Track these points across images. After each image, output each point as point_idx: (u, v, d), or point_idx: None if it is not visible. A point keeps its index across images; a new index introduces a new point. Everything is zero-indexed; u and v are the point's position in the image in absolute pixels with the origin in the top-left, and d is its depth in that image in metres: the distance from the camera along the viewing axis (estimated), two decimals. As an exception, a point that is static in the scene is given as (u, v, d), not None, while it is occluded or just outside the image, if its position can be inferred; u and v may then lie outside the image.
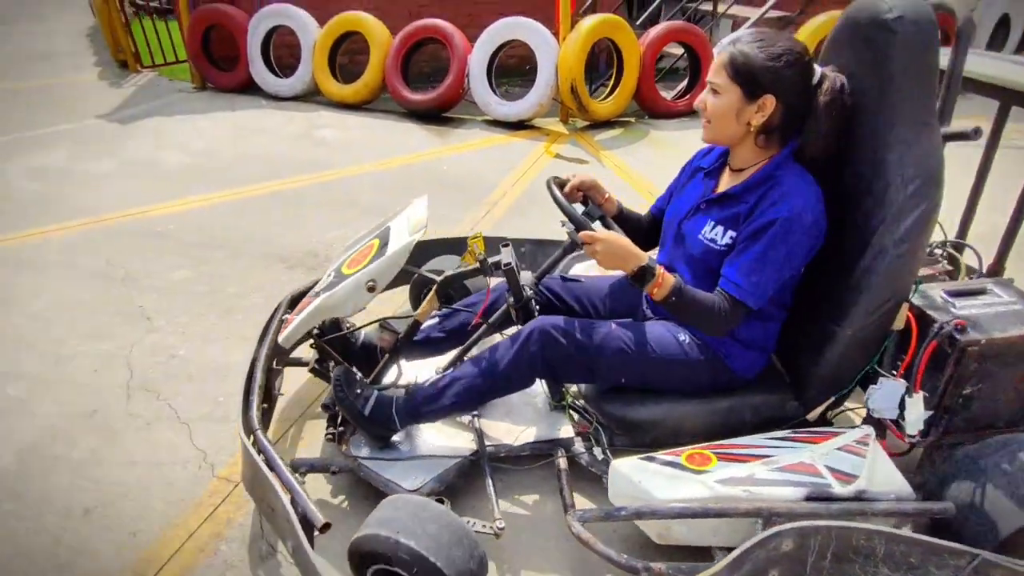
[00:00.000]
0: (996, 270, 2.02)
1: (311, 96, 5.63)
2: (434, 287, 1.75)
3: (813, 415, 1.66)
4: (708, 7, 5.51)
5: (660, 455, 1.55)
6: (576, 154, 4.35)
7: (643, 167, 4.13)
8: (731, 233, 1.52)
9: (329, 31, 5.25)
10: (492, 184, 3.89)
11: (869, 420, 1.63)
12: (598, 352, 1.61)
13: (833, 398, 1.66)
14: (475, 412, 1.82)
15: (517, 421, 1.85)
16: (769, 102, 1.42)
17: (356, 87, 5.17)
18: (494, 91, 4.82)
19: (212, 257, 3.13)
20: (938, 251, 1.93)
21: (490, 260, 1.71)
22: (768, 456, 1.52)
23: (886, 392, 1.55)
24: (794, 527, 1.33)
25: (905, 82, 1.38)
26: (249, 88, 5.79)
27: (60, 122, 5.10)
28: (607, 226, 1.72)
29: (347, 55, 5.74)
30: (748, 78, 1.41)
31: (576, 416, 1.81)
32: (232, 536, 1.72)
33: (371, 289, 1.67)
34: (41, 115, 5.30)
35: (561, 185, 1.77)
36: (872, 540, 1.35)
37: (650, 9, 5.58)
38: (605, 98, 4.83)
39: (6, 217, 3.57)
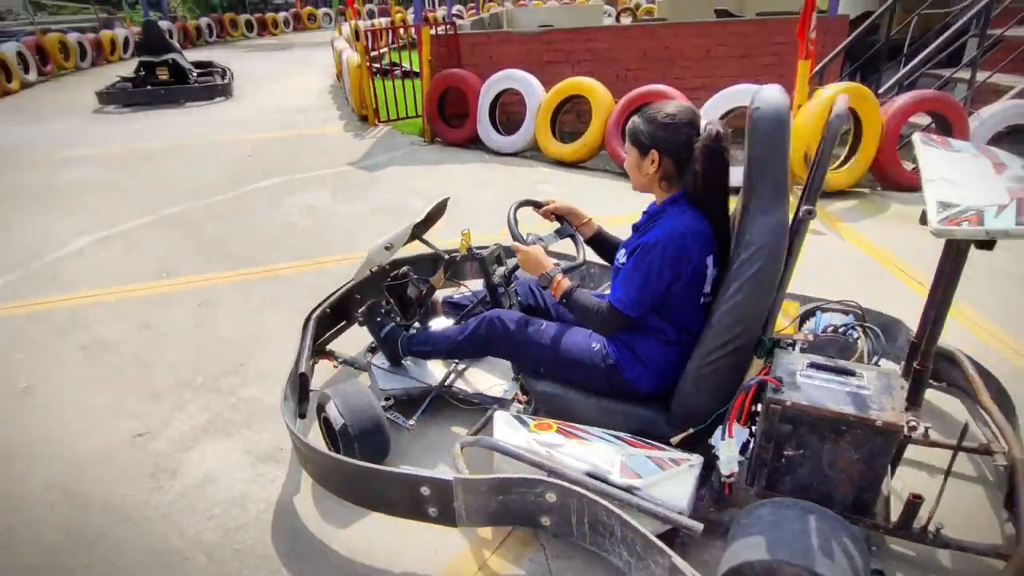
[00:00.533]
0: (921, 368, 1.86)
1: (528, 152, 6.02)
2: (442, 264, 2.55)
3: (675, 440, 1.85)
4: (965, 75, 5.10)
5: (527, 417, 1.99)
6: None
7: (890, 243, 3.84)
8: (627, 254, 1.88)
9: (556, 94, 5.62)
10: (721, 249, 3.84)
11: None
12: (525, 343, 2.08)
13: (692, 429, 1.81)
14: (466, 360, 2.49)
15: (488, 377, 2.44)
16: (655, 155, 1.80)
17: (575, 146, 5.44)
18: (716, 156, 4.81)
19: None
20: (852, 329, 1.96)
21: (475, 250, 2.37)
22: (589, 441, 1.85)
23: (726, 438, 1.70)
24: (555, 482, 1.65)
25: (759, 165, 1.62)
26: (472, 143, 6.34)
27: (322, 167, 5.94)
28: (576, 244, 2.28)
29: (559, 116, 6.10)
30: (635, 139, 1.83)
31: (524, 388, 2.26)
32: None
33: (388, 249, 2.42)
34: (306, 160, 6.21)
35: (538, 205, 2.29)
36: (611, 519, 1.59)
37: (896, 77, 5.29)
38: (838, 167, 4.62)
39: (289, 248, 4.18)
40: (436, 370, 2.48)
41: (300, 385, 2.27)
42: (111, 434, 2.52)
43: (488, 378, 2.43)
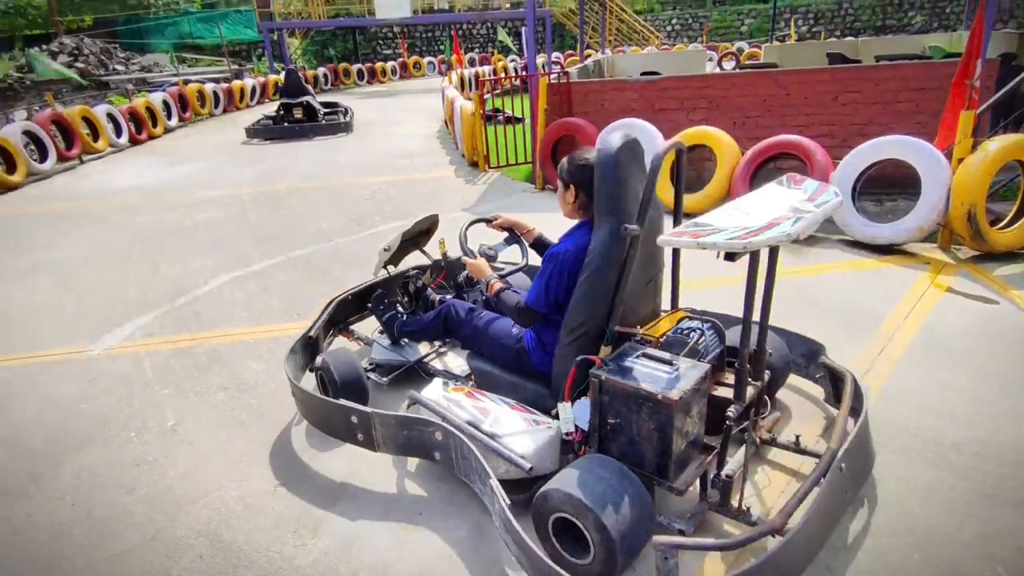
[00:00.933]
0: (741, 369, 2.10)
1: (643, 201, 5.86)
2: (430, 266, 3.30)
3: (554, 411, 2.25)
4: None
5: (452, 383, 2.59)
6: (974, 290, 3.73)
7: (1080, 315, 3.36)
8: None
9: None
10: (876, 315, 3.49)
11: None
12: (468, 325, 2.66)
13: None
14: (445, 342, 3.14)
15: (457, 359, 3.03)
16: (573, 189, 2.24)
17: (698, 197, 5.24)
18: (857, 210, 4.46)
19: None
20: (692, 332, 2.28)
21: (448, 257, 3.29)
22: (483, 402, 2.36)
23: (575, 407, 2.12)
24: (442, 424, 2.21)
25: (597, 191, 2.10)
26: (584, 191, 6.26)
27: (437, 212, 6.03)
28: (521, 249, 2.82)
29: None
30: (561, 176, 2.28)
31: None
32: None
33: (386, 250, 3.16)
34: (421, 204, 6.35)
35: (488, 221, 2.82)
36: (470, 455, 2.10)
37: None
38: (1006, 227, 4.15)
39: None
40: (422, 350, 3.13)
41: (309, 347, 3.00)
42: (253, 482, 2.54)
43: (456, 360, 3.02)
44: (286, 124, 10.93)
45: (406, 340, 3.11)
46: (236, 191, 7.43)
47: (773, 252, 2.04)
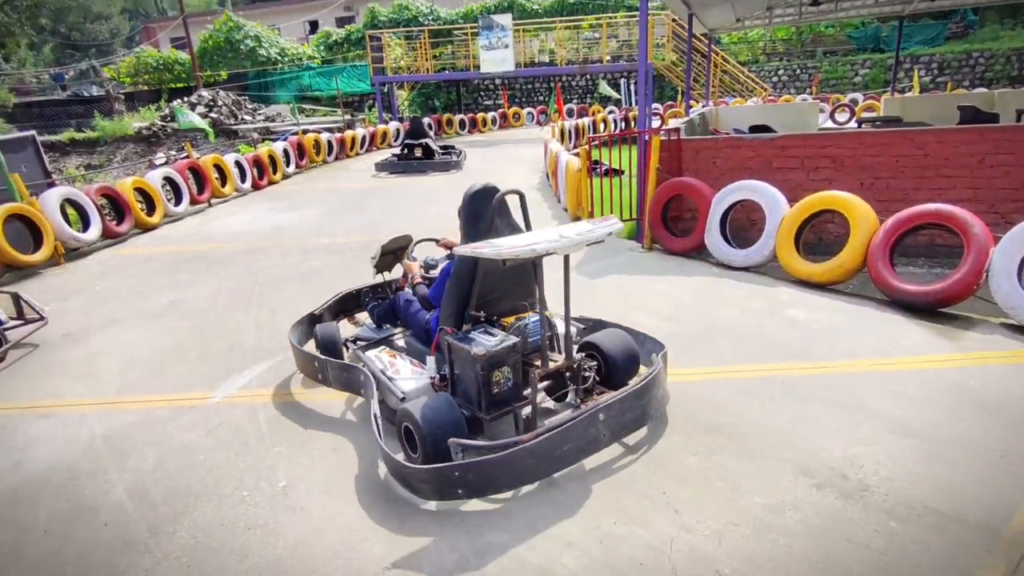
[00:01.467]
0: (553, 349, 3.22)
1: (761, 268, 5.51)
2: (403, 271, 4.13)
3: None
4: None
5: (386, 347, 3.80)
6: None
7: None
8: None
9: (803, 208, 5.11)
10: (1064, 422, 2.98)
11: None
12: (403, 310, 3.74)
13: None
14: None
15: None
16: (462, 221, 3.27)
17: (829, 266, 4.83)
18: (1026, 291, 3.92)
19: (724, 447, 2.96)
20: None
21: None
22: (397, 361, 3.47)
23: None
24: (362, 369, 3.32)
25: (461, 223, 3.18)
26: (695, 252, 5.99)
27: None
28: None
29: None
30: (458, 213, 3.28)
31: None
32: None
33: (372, 258, 4.19)
34: (524, 261, 6.29)
35: (436, 240, 4.07)
36: (371, 390, 3.18)
37: None
38: None
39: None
40: (393, 331, 4.01)
41: (313, 322, 4.17)
42: (362, 560, 2.43)
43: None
44: (408, 160, 13.17)
45: (387, 325, 4.06)
46: (345, 239, 7.71)
47: (565, 264, 2.88)
